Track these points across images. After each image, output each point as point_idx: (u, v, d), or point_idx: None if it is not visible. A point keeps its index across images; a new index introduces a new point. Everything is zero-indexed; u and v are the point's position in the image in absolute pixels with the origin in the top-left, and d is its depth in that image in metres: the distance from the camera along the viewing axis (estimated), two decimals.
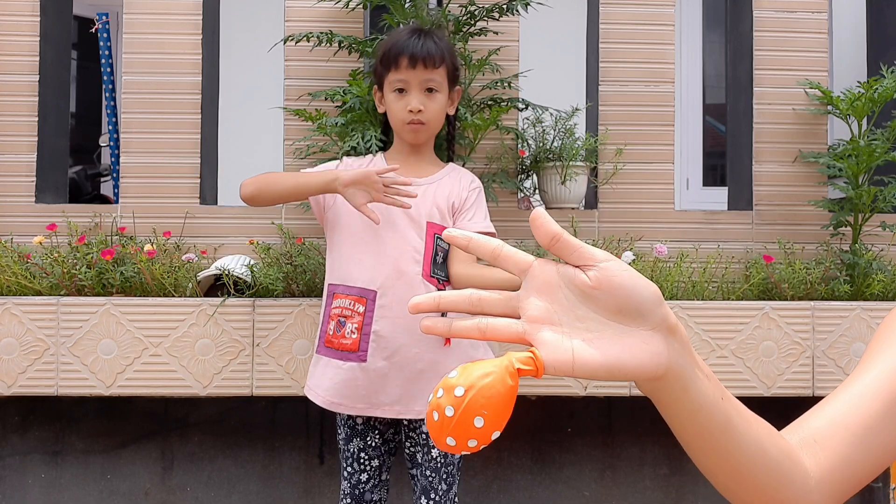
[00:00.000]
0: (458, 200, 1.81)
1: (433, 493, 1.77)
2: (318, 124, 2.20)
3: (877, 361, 0.71)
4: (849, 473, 0.67)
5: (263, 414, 2.39)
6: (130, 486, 2.35)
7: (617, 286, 0.55)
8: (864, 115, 2.39)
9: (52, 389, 2.13)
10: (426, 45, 1.75)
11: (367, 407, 1.74)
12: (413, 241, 1.74)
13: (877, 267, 2.34)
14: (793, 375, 2.22)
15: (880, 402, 0.68)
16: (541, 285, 0.57)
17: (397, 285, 1.71)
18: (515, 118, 2.48)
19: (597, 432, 2.44)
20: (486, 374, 0.51)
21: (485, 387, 0.50)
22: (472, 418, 0.49)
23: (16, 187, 2.43)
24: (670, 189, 2.55)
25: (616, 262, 0.56)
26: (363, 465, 1.80)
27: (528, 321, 0.56)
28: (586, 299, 0.56)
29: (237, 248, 2.40)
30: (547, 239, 0.56)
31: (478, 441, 0.50)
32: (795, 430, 0.69)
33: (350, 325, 1.73)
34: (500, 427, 0.51)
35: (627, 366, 0.55)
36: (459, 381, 0.50)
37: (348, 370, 1.72)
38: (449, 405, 0.50)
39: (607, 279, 0.55)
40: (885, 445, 0.68)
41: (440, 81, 1.78)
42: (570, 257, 0.56)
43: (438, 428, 0.50)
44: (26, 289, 2.18)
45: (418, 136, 1.80)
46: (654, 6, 2.56)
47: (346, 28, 2.43)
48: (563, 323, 0.56)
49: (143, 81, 2.46)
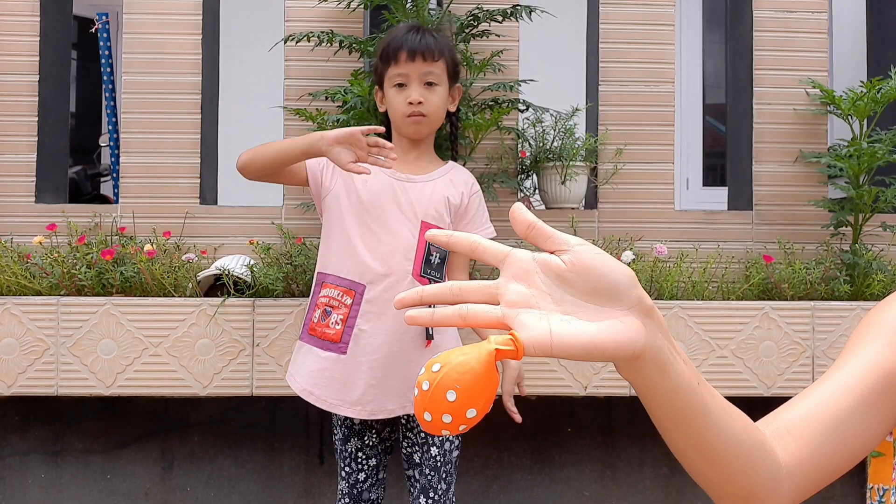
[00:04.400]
0: (458, 202, 1.81)
1: (432, 493, 1.76)
2: (319, 124, 2.21)
3: (852, 357, 0.73)
4: (819, 465, 0.68)
5: (263, 414, 2.39)
6: (130, 486, 2.35)
7: (590, 268, 0.57)
8: (865, 116, 2.39)
9: (52, 389, 2.13)
10: (425, 39, 1.75)
11: (337, 403, 1.72)
12: (407, 240, 1.73)
13: (877, 267, 2.34)
14: (793, 375, 2.22)
15: (852, 396, 0.69)
16: (518, 272, 0.58)
17: (386, 282, 1.71)
18: (516, 118, 2.48)
19: (597, 432, 2.44)
20: (462, 353, 0.54)
21: (459, 363, 0.53)
22: (445, 392, 0.52)
23: (16, 187, 2.43)
24: (670, 189, 2.55)
25: (589, 246, 0.58)
26: (361, 464, 1.79)
27: (507, 305, 0.57)
28: (562, 283, 0.58)
29: (237, 248, 2.40)
30: (523, 228, 0.59)
31: (452, 416, 0.52)
32: (769, 422, 0.70)
33: (336, 315, 1.72)
34: (477, 405, 0.53)
35: (605, 344, 0.56)
36: (438, 360, 0.53)
37: (325, 360, 1.72)
38: (426, 380, 0.53)
39: (581, 262, 0.57)
40: (855, 439, 0.69)
41: (439, 75, 1.77)
42: (546, 244, 0.59)
43: (418, 404, 0.53)
44: (26, 289, 2.18)
45: (419, 130, 1.79)
46: (654, 6, 2.56)
47: (346, 28, 2.43)
48: (541, 306, 0.57)
49: (143, 81, 2.46)
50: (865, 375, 0.70)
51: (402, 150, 1.83)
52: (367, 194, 1.75)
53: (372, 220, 1.74)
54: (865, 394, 0.69)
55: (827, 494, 2.43)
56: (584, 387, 2.22)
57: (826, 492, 2.42)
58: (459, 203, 1.81)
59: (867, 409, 0.69)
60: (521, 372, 1.85)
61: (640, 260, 2.33)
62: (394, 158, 1.67)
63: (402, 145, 1.83)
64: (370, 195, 1.75)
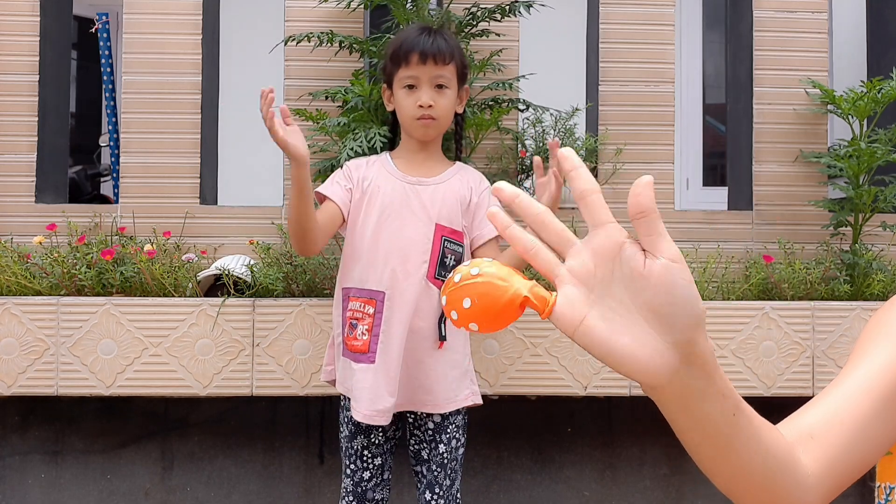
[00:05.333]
0: (469, 201, 1.82)
1: (438, 489, 1.78)
2: (320, 124, 2.20)
3: (867, 358, 0.72)
4: (845, 469, 0.67)
5: (263, 414, 2.39)
6: (130, 486, 2.35)
7: (668, 284, 0.53)
8: (865, 115, 2.39)
9: (52, 389, 2.13)
10: (436, 41, 1.76)
11: (374, 414, 1.71)
12: (422, 243, 1.75)
13: (877, 267, 2.34)
14: (793, 375, 2.22)
15: (871, 399, 0.69)
16: (600, 246, 0.55)
17: (404, 286, 1.72)
18: (516, 118, 2.48)
19: (597, 432, 2.44)
20: (500, 278, 0.55)
21: (488, 284, 0.55)
22: (465, 297, 0.55)
23: (16, 187, 2.43)
24: (670, 189, 2.55)
25: (683, 267, 0.53)
26: (366, 462, 1.80)
27: (568, 270, 0.55)
28: (629, 283, 0.54)
29: (237, 248, 2.40)
30: (636, 210, 0.53)
31: (458, 316, 0.55)
32: (789, 426, 0.69)
33: (361, 326, 1.74)
34: (481, 325, 0.56)
35: (625, 358, 0.54)
36: (482, 267, 0.56)
37: (358, 371, 1.73)
38: (460, 274, 0.56)
39: (664, 274, 0.53)
40: (876, 440, 0.69)
41: (450, 78, 1.78)
42: (648, 237, 0.54)
43: (446, 287, 0.56)
44: (26, 289, 2.18)
45: (428, 132, 1.80)
46: (654, 6, 2.56)
47: (346, 28, 2.43)
48: (595, 290, 0.55)
49: (143, 81, 2.46)
50: (882, 378, 0.69)
51: (411, 152, 1.83)
52: (381, 200, 1.76)
53: (388, 226, 1.75)
54: (884, 395, 0.69)
55: None
56: (584, 387, 2.22)
57: None
58: (470, 201, 1.82)
59: (886, 411, 0.69)
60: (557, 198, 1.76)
61: None
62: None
63: (411, 146, 1.84)
64: (384, 200, 1.76)
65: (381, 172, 1.81)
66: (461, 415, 1.82)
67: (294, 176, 1.64)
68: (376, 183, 1.78)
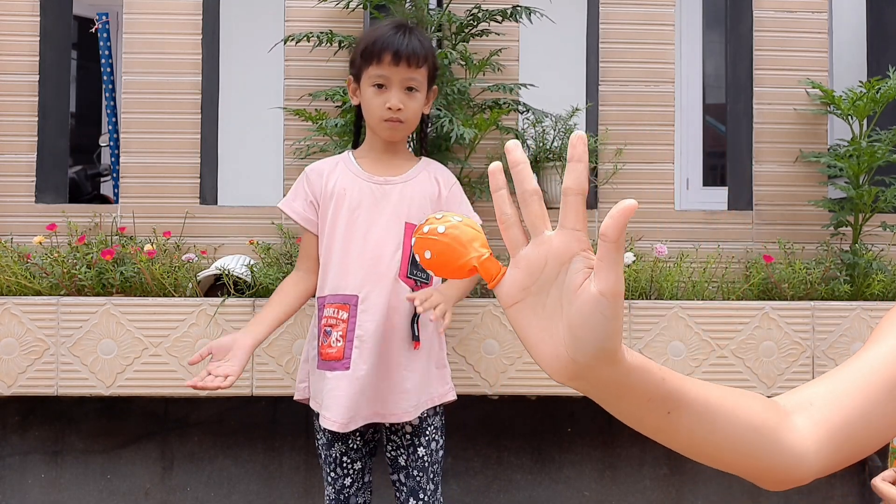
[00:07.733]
0: (439, 194, 1.80)
1: (422, 494, 1.75)
2: (319, 125, 2.21)
3: (882, 341, 0.73)
4: (847, 441, 0.68)
5: (263, 414, 2.39)
6: (130, 486, 2.35)
7: (588, 314, 0.55)
8: (865, 115, 2.39)
9: (52, 389, 2.13)
10: (411, 43, 1.72)
11: (347, 422, 1.68)
12: (392, 243, 1.72)
13: (877, 267, 2.34)
14: (793, 375, 2.22)
15: (883, 378, 0.70)
16: (556, 248, 0.58)
17: (377, 288, 1.70)
18: (515, 118, 2.48)
19: (597, 432, 2.44)
20: (460, 244, 0.61)
21: (448, 246, 0.61)
22: (426, 248, 0.62)
23: (16, 187, 2.43)
24: (670, 189, 2.55)
25: (612, 304, 0.55)
26: (346, 469, 1.77)
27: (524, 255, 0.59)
28: (564, 292, 0.58)
29: (237, 248, 2.40)
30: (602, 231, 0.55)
31: (420, 259, 0.63)
32: (792, 396, 0.71)
33: (335, 333, 1.71)
34: (437, 274, 0.63)
35: (532, 349, 0.59)
36: (447, 227, 0.62)
37: (332, 379, 1.70)
38: (430, 226, 0.62)
39: (590, 303, 0.55)
40: (885, 421, 0.69)
41: (421, 81, 1.75)
42: (599, 262, 0.55)
43: (419, 228, 0.63)
44: (26, 289, 2.18)
45: (395, 135, 1.77)
46: (654, 6, 2.56)
47: (346, 28, 2.43)
48: (536, 283, 0.59)
49: (143, 81, 2.46)
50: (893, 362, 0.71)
51: (376, 151, 1.81)
52: (348, 204, 1.74)
53: (357, 229, 1.72)
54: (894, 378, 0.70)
55: (827, 494, 2.43)
56: None
57: (826, 492, 2.43)
58: (440, 195, 1.80)
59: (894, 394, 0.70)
60: (446, 298, 1.69)
61: (640, 260, 2.33)
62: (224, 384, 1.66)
63: (377, 146, 1.81)
64: (351, 204, 1.74)
65: (345, 175, 1.77)
66: (439, 416, 1.80)
67: None
68: (341, 186, 1.75)
